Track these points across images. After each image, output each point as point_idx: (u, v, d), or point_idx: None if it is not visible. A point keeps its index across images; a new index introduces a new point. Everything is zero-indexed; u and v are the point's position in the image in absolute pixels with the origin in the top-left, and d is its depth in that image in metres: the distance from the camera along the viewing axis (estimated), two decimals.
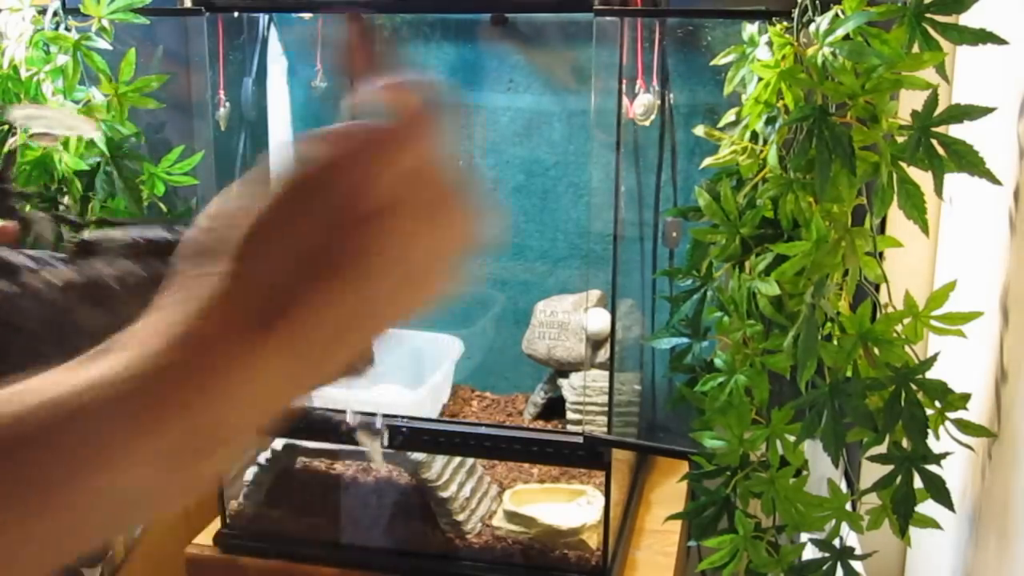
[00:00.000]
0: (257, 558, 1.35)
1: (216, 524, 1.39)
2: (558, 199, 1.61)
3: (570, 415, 1.46)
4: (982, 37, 0.77)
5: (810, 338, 0.84)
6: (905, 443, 0.87)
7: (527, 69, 1.57)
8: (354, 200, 0.38)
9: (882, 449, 0.88)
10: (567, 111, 1.57)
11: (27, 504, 0.33)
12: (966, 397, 0.85)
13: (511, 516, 1.31)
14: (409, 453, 1.29)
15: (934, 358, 0.85)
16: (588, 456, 1.21)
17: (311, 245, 0.37)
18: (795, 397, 0.89)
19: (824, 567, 0.93)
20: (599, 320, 1.41)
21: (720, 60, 0.96)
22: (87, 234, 0.43)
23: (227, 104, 1.37)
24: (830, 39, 0.80)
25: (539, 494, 1.36)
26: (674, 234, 1.42)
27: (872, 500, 0.90)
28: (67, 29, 1.08)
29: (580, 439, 1.21)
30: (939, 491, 0.86)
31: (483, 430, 1.27)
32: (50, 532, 0.34)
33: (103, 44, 1.06)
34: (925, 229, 0.82)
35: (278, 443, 1.36)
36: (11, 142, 1.04)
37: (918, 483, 0.87)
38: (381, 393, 1.59)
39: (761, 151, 0.90)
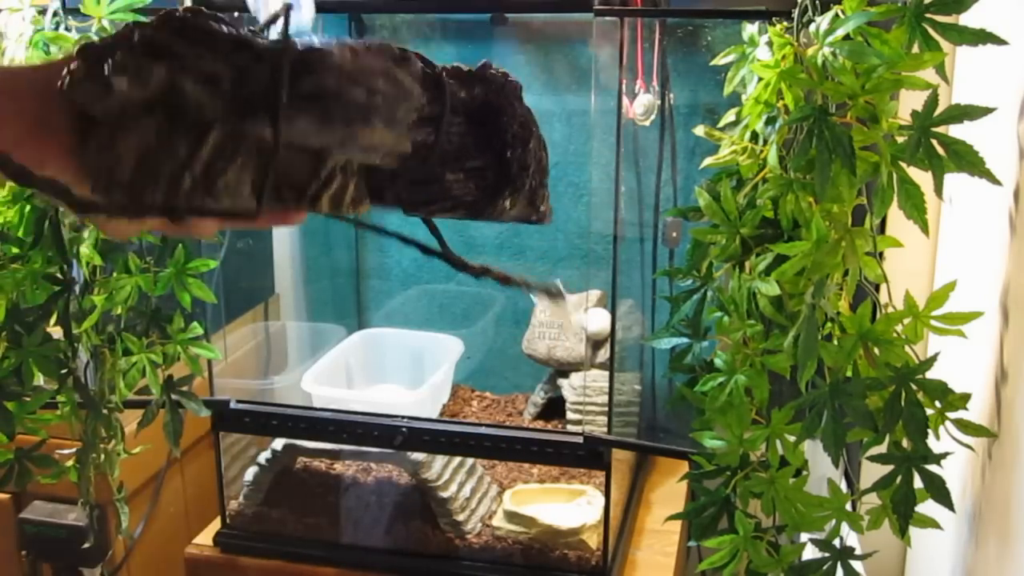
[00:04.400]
0: (257, 558, 1.35)
1: (216, 524, 1.39)
2: (558, 199, 1.61)
3: (570, 415, 1.46)
4: (982, 37, 0.77)
5: (810, 338, 0.84)
6: (905, 443, 0.87)
7: (527, 69, 1.57)
8: None
9: (882, 449, 0.88)
10: (567, 111, 1.57)
11: None
12: (966, 397, 0.85)
13: (511, 516, 1.31)
14: (409, 453, 1.29)
15: (934, 358, 0.85)
16: (588, 456, 1.21)
17: None
18: (795, 397, 0.89)
19: (824, 567, 0.93)
20: (599, 320, 1.41)
21: (720, 60, 0.95)
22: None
23: None
24: (830, 39, 0.80)
25: (539, 494, 1.36)
26: (674, 234, 1.42)
27: (872, 500, 0.90)
28: (67, 29, 1.08)
29: (580, 439, 1.21)
30: (939, 491, 0.86)
31: (483, 430, 1.27)
32: None
33: None
34: (925, 229, 0.82)
35: (278, 443, 1.36)
36: None
37: (918, 483, 0.87)
38: (381, 393, 1.59)
39: (761, 151, 0.90)
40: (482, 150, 0.59)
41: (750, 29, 0.93)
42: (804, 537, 0.96)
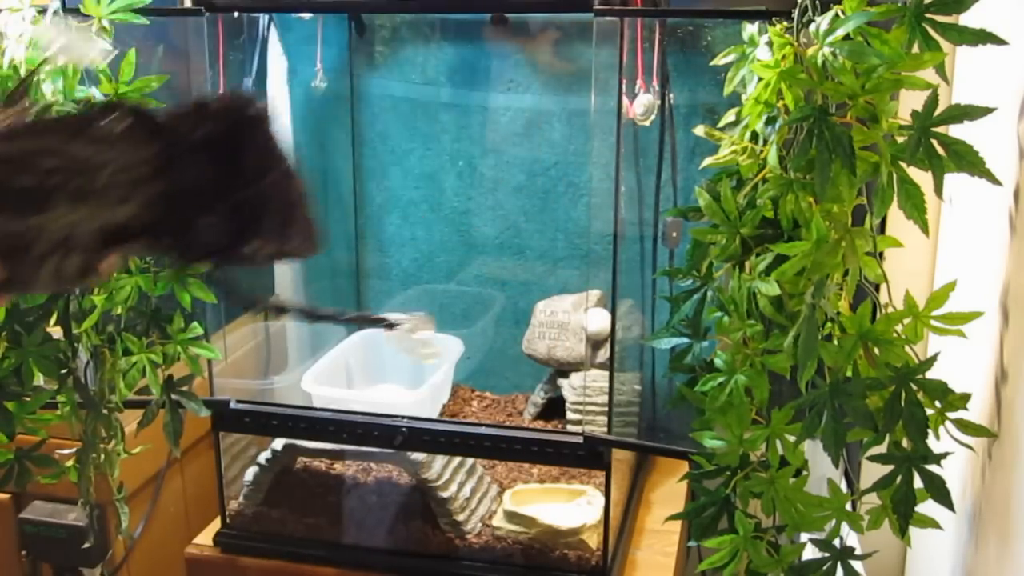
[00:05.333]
0: (257, 558, 1.35)
1: (216, 524, 1.39)
2: (558, 199, 1.61)
3: (570, 415, 1.46)
4: (982, 37, 0.77)
5: (810, 338, 0.84)
6: (905, 443, 0.87)
7: (527, 69, 1.57)
8: None
9: (882, 449, 0.88)
10: (567, 111, 1.57)
11: None
12: (966, 397, 0.85)
13: (511, 516, 1.31)
14: (409, 453, 1.29)
15: (934, 358, 0.85)
16: (588, 456, 1.21)
17: None
18: (795, 397, 0.89)
19: (824, 567, 0.93)
20: (599, 320, 1.41)
21: (720, 60, 0.95)
22: None
23: None
24: (830, 39, 0.80)
25: (539, 494, 1.36)
26: (674, 234, 1.42)
27: (872, 500, 0.90)
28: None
29: (580, 439, 1.21)
30: (939, 491, 0.86)
31: (483, 430, 1.27)
32: None
33: (103, 44, 1.06)
34: (925, 229, 0.82)
35: (278, 443, 1.36)
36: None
37: (918, 483, 0.87)
38: (381, 393, 1.59)
39: (761, 151, 0.90)
40: (232, 188, 0.56)
41: (750, 29, 0.93)
42: (804, 537, 0.96)
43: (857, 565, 0.93)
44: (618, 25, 1.09)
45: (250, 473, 1.38)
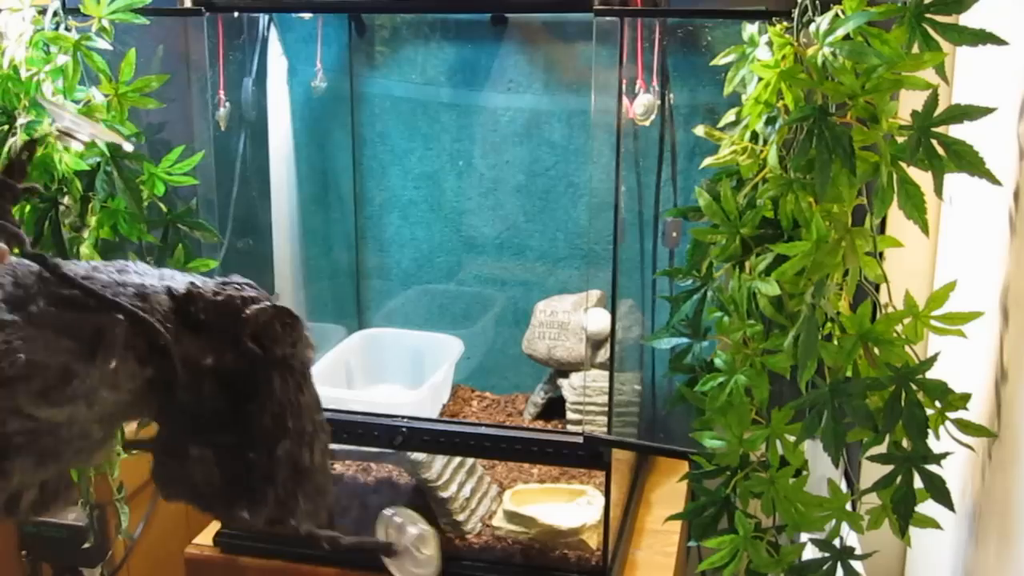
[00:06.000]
0: (257, 558, 1.35)
1: (216, 524, 1.39)
2: (558, 199, 1.61)
3: (570, 415, 1.46)
4: (982, 37, 0.77)
5: (810, 338, 0.84)
6: (905, 443, 0.87)
7: (527, 69, 1.57)
8: None
9: (882, 449, 0.88)
10: (567, 111, 1.57)
11: None
12: (966, 397, 0.85)
13: (511, 516, 1.31)
14: (409, 453, 1.29)
15: (934, 358, 0.85)
16: (588, 456, 1.21)
17: None
18: (795, 397, 0.89)
19: (824, 567, 0.93)
20: (599, 320, 1.41)
21: (720, 60, 0.96)
22: None
23: (227, 104, 1.37)
24: (830, 39, 0.80)
25: (539, 494, 1.36)
26: (674, 234, 1.42)
27: (872, 500, 0.90)
28: (67, 29, 1.08)
29: (580, 439, 1.21)
30: (939, 491, 0.86)
31: (483, 430, 1.27)
32: None
33: (103, 44, 1.07)
34: (925, 229, 0.82)
35: None
36: (11, 142, 1.04)
37: (918, 483, 0.87)
38: (381, 393, 1.59)
39: (761, 151, 0.90)
40: (237, 424, 0.46)
41: (750, 29, 0.93)
42: (804, 537, 0.96)
43: (857, 565, 0.93)
44: (618, 25, 1.09)
45: None
